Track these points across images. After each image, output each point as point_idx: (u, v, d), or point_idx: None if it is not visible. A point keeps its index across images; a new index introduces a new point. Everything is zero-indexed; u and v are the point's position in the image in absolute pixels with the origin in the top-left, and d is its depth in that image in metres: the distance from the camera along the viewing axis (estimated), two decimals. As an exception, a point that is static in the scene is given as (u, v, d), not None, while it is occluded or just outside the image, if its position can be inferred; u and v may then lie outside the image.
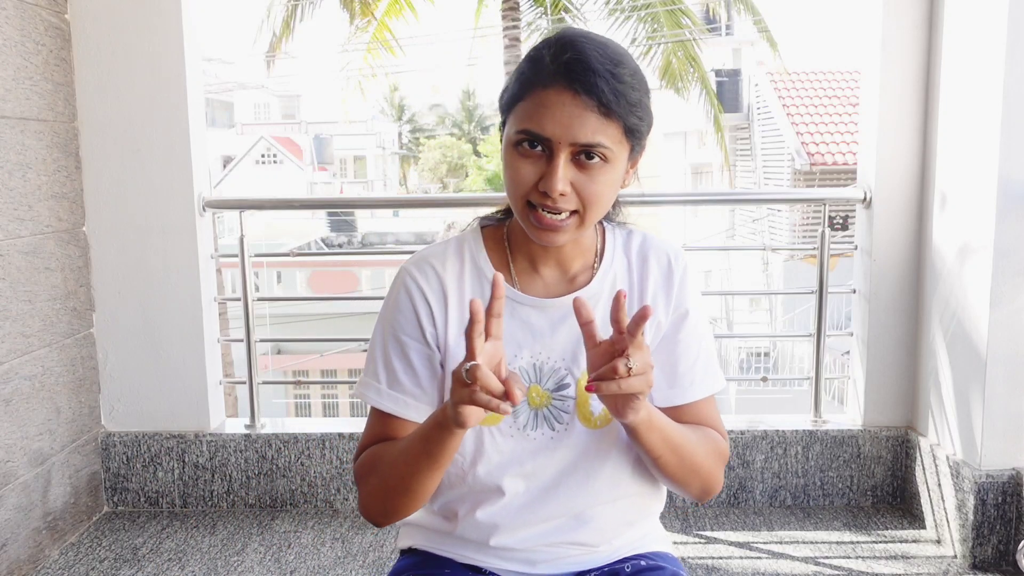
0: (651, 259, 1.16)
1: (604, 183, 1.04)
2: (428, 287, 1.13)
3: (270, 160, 29.61)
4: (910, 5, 2.43)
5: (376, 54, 9.47)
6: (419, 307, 1.13)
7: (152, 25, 2.45)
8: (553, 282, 1.15)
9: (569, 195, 1.03)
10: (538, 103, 1.03)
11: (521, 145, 1.04)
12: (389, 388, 1.14)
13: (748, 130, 17.13)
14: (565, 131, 1.01)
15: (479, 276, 1.14)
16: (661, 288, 1.15)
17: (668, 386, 1.15)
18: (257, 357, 2.70)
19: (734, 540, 2.41)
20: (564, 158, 1.02)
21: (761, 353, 12.47)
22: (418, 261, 1.15)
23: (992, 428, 2.16)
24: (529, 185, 1.04)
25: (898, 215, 2.52)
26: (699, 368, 1.16)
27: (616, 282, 1.15)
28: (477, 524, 1.14)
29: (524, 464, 1.12)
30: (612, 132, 1.03)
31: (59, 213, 2.40)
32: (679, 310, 1.15)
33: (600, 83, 1.01)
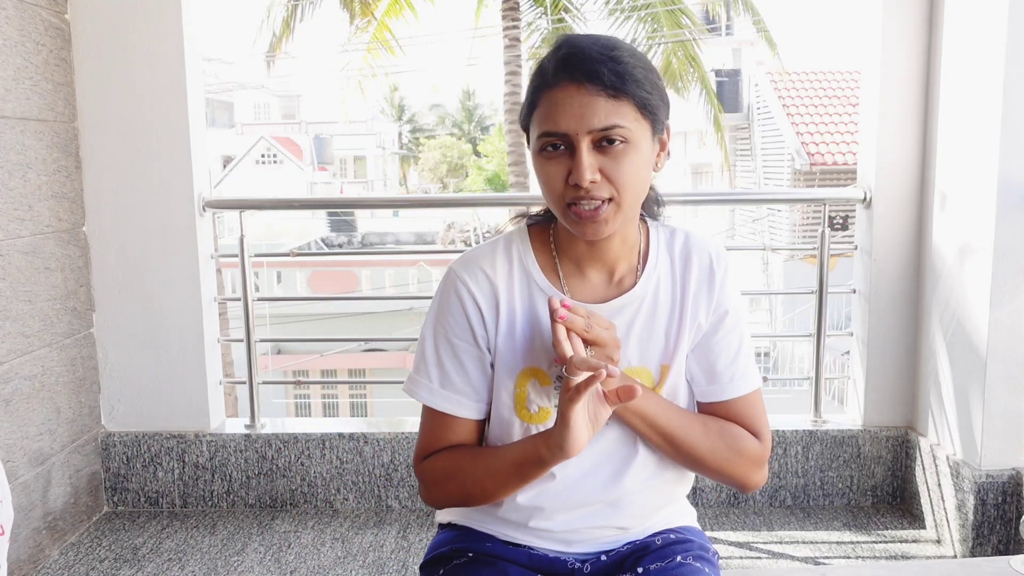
0: (693, 258, 1.18)
1: (631, 164, 1.06)
2: (478, 290, 1.15)
3: (270, 160, 29.60)
4: (910, 5, 2.43)
5: (376, 54, 9.47)
6: (469, 310, 1.15)
7: (152, 25, 2.45)
8: (600, 284, 1.17)
9: (600, 182, 1.05)
10: (549, 104, 1.06)
11: (545, 151, 1.08)
12: (441, 388, 1.17)
13: (748, 130, 17.13)
14: (579, 122, 1.04)
15: (527, 279, 1.17)
16: (703, 288, 1.17)
17: (707, 383, 1.19)
18: (257, 357, 2.70)
19: (734, 540, 2.41)
20: (586, 148, 1.05)
21: (761, 353, 12.46)
22: (467, 263, 1.17)
23: (992, 428, 2.16)
24: (561, 185, 1.07)
25: (898, 215, 2.52)
26: (739, 366, 1.19)
27: (661, 284, 1.17)
28: (518, 507, 1.18)
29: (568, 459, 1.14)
30: (626, 112, 1.05)
31: (59, 213, 2.40)
32: (719, 310, 1.18)
33: (600, 67, 1.04)
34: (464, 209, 19.99)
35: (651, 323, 1.17)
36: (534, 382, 1.16)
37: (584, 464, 1.16)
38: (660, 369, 1.17)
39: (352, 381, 8.89)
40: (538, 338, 1.16)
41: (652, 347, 1.17)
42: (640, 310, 1.16)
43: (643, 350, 1.16)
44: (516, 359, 1.16)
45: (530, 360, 1.16)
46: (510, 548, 1.20)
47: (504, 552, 1.20)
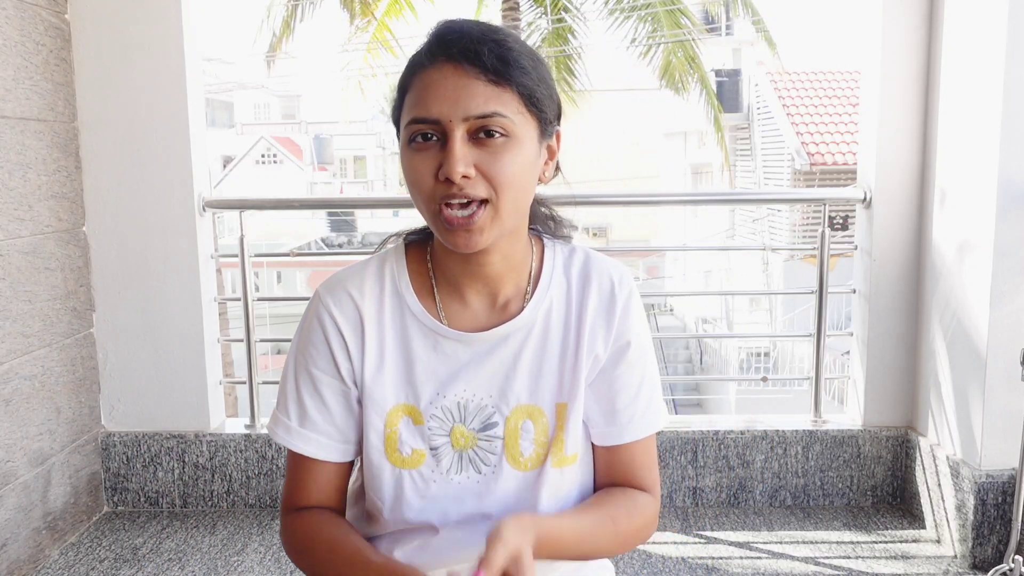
0: (592, 282, 1.04)
1: (512, 161, 0.92)
2: (343, 317, 1.02)
3: (270, 160, 29.61)
4: (910, 5, 2.43)
5: (376, 54, 9.47)
6: (332, 339, 1.02)
7: (152, 25, 2.45)
8: (482, 309, 1.03)
9: (475, 179, 0.91)
10: (421, 88, 0.93)
11: (414, 141, 0.93)
12: (300, 426, 1.03)
13: (748, 130, 17.13)
14: (453, 106, 0.90)
15: (400, 305, 1.03)
16: (601, 316, 1.04)
17: (606, 424, 1.05)
18: (257, 357, 2.70)
19: (734, 540, 2.41)
20: (460, 137, 0.91)
21: (761, 353, 12.47)
22: (333, 286, 1.04)
23: (992, 428, 2.16)
24: (430, 181, 0.92)
25: (898, 215, 2.52)
26: (640, 404, 1.06)
27: (553, 309, 1.04)
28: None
29: (447, 511, 1.02)
30: (508, 100, 0.92)
31: (59, 213, 2.40)
32: (619, 341, 1.04)
33: (481, 48, 0.91)
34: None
35: (542, 354, 1.03)
36: (406, 420, 1.02)
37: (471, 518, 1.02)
38: (555, 408, 1.02)
39: (352, 381, 8.84)
40: (411, 371, 1.02)
41: (544, 383, 1.02)
42: (529, 339, 1.02)
43: (533, 386, 1.02)
44: (386, 395, 1.02)
45: (401, 396, 1.02)
46: None
47: None
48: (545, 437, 1.02)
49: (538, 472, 1.03)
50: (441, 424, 1.02)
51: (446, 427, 1.02)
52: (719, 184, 19.11)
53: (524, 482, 1.03)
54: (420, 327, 1.02)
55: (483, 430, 1.02)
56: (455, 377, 1.02)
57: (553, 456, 1.02)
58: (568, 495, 1.06)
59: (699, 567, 2.25)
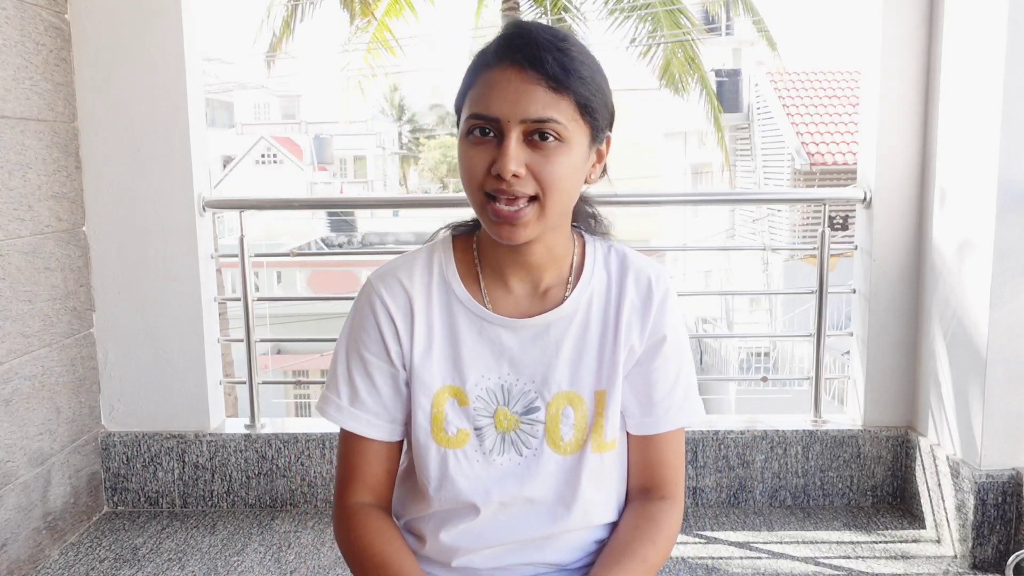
0: (630, 277, 1.10)
1: (561, 164, 0.98)
2: (394, 303, 1.07)
3: (270, 160, 29.61)
4: (910, 5, 2.43)
5: (376, 54, 9.47)
6: (383, 325, 1.07)
7: (152, 25, 2.45)
8: (524, 296, 1.09)
9: (525, 178, 0.97)
10: (485, 85, 0.99)
11: (472, 134, 0.99)
12: (350, 406, 1.08)
13: (748, 130, 17.13)
14: (513, 108, 0.96)
15: (447, 291, 1.09)
16: (637, 311, 1.09)
17: (642, 414, 1.10)
18: (257, 357, 2.70)
19: (734, 540, 2.41)
20: (516, 138, 0.96)
21: (761, 353, 12.47)
22: (384, 274, 1.09)
23: (992, 428, 2.16)
24: (482, 173, 0.98)
25: (898, 215, 2.52)
26: (677, 396, 1.10)
27: (594, 300, 1.09)
28: (441, 547, 1.10)
29: (491, 491, 1.06)
30: (564, 108, 0.97)
31: (59, 213, 2.40)
32: (656, 335, 1.09)
33: (547, 56, 0.96)
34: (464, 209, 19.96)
35: (582, 343, 1.08)
36: (452, 402, 1.07)
37: (513, 501, 1.07)
38: (595, 396, 1.07)
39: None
40: (457, 355, 1.07)
41: (584, 370, 1.07)
42: (570, 328, 1.07)
43: (574, 373, 1.07)
44: (433, 377, 1.07)
45: (448, 378, 1.07)
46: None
47: None
48: (584, 423, 1.07)
49: (578, 456, 1.08)
50: (486, 405, 1.07)
51: (490, 409, 1.07)
52: (719, 184, 19.11)
53: (564, 465, 1.08)
54: (466, 313, 1.08)
55: (526, 414, 1.07)
56: (499, 361, 1.07)
57: (593, 441, 1.07)
58: (608, 479, 1.11)
59: (699, 567, 2.25)
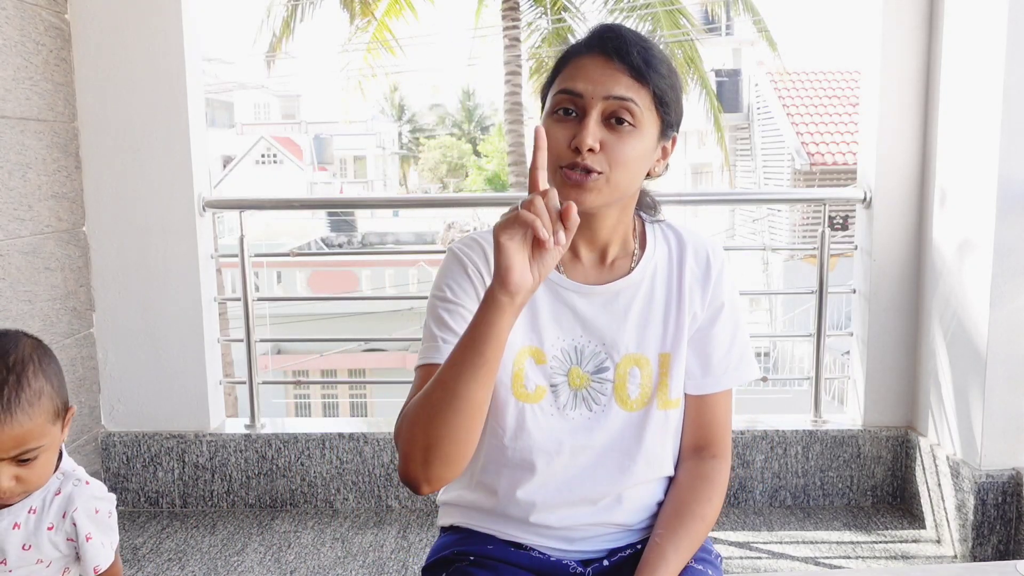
0: (689, 250, 1.20)
1: (632, 147, 1.08)
2: (480, 260, 1.16)
3: (270, 160, 29.60)
4: (910, 5, 2.43)
5: (376, 54, 9.47)
6: (472, 275, 1.16)
7: (152, 25, 2.45)
8: (592, 266, 1.18)
9: (599, 155, 1.06)
10: (575, 67, 1.10)
11: (556, 112, 1.09)
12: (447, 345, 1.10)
13: (748, 130, 17.13)
14: (597, 86, 1.07)
15: None
16: (698, 281, 1.19)
17: (702, 375, 1.20)
18: (257, 357, 2.70)
19: (734, 540, 2.41)
20: (596, 116, 1.07)
21: (761, 353, 12.45)
22: (466, 239, 1.20)
23: (992, 428, 2.16)
24: (562, 147, 1.07)
25: (898, 215, 2.52)
26: (733, 357, 1.21)
27: (658, 271, 1.19)
28: (517, 502, 1.17)
29: (563, 443, 1.15)
30: (643, 96, 1.08)
31: (59, 213, 2.40)
32: (715, 303, 1.20)
33: (632, 50, 1.08)
34: (464, 209, 20.00)
35: (648, 310, 1.17)
36: (531, 360, 1.16)
37: (581, 449, 1.16)
38: (659, 358, 1.17)
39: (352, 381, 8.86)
40: (535, 317, 1.16)
41: (650, 334, 1.17)
42: (637, 295, 1.17)
43: (640, 337, 1.17)
44: (513, 337, 1.14)
45: (527, 339, 1.16)
46: (511, 551, 1.19)
47: (506, 555, 1.18)
48: (650, 383, 1.17)
49: (644, 412, 1.17)
50: (561, 364, 1.16)
51: (565, 367, 1.16)
52: (719, 184, 19.11)
53: (630, 420, 1.17)
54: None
55: (596, 372, 1.16)
56: (573, 324, 1.16)
57: (659, 399, 1.17)
58: (672, 435, 1.20)
59: (699, 567, 2.25)
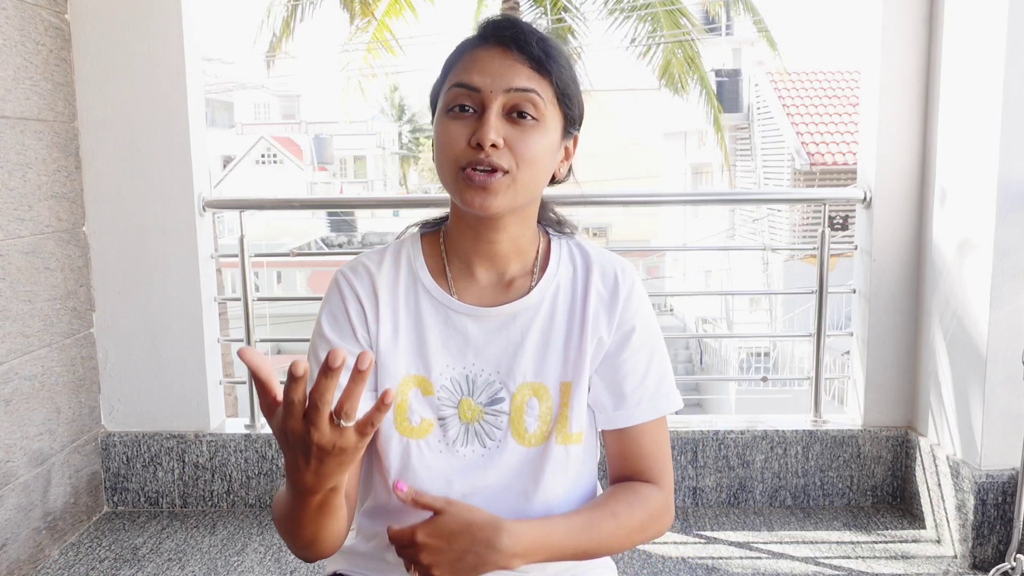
0: (595, 271, 1.10)
1: (537, 142, 1.00)
2: (361, 287, 1.08)
3: (270, 160, 29.61)
4: (910, 5, 2.43)
5: (376, 54, 9.46)
6: (351, 307, 1.08)
7: (152, 25, 2.45)
8: (489, 286, 1.09)
9: (503, 151, 0.99)
10: (469, 60, 1.02)
11: (452, 110, 1.01)
12: None
13: (748, 130, 17.13)
14: (496, 79, 0.99)
15: (414, 281, 1.10)
16: (604, 304, 1.09)
17: (614, 407, 1.08)
18: (257, 357, 2.69)
19: (734, 540, 2.41)
20: (496, 109, 0.99)
21: (761, 353, 12.46)
22: (353, 264, 1.12)
23: (992, 428, 2.16)
24: (461, 146, 1.00)
25: (898, 215, 2.52)
26: (649, 387, 1.09)
27: (560, 292, 1.09)
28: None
29: (453, 482, 1.05)
30: (544, 88, 1.01)
31: (59, 213, 2.40)
32: (623, 328, 1.09)
33: (530, 39, 1.01)
34: (464, 209, 19.97)
35: (548, 335, 1.08)
36: (416, 391, 1.06)
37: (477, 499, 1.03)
38: (560, 387, 1.06)
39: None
40: (423, 343, 1.07)
41: (550, 361, 1.07)
42: (536, 319, 1.07)
43: (539, 364, 1.07)
44: (398, 364, 1.06)
45: (413, 367, 1.07)
46: None
47: None
48: (550, 415, 1.06)
49: (542, 448, 1.06)
50: (450, 395, 1.06)
51: (455, 399, 1.06)
52: (719, 184, 19.11)
53: (528, 457, 1.06)
54: (432, 301, 1.08)
55: (490, 404, 1.06)
56: (464, 351, 1.07)
57: (558, 433, 1.06)
58: (574, 474, 1.09)
59: (699, 567, 2.25)
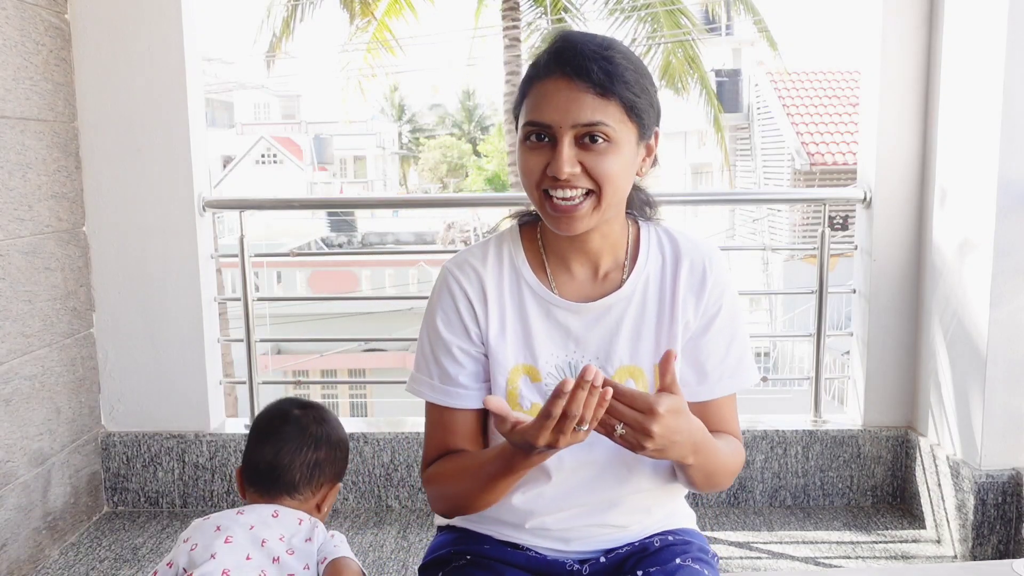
0: (684, 258, 1.18)
1: (612, 162, 1.06)
2: (470, 286, 1.17)
3: (270, 160, 29.60)
4: (910, 5, 2.43)
5: (376, 54, 9.47)
6: (461, 307, 1.17)
7: (152, 25, 2.45)
8: (585, 280, 1.18)
9: (579, 175, 1.06)
10: (538, 95, 1.08)
11: (528, 140, 1.09)
12: (441, 383, 1.17)
13: (748, 130, 17.12)
14: (563, 115, 1.05)
15: (517, 277, 1.18)
16: (692, 291, 1.17)
17: (697, 382, 1.18)
18: (257, 357, 2.70)
19: (734, 540, 2.41)
20: (568, 141, 1.05)
21: (761, 353, 12.45)
22: (460, 262, 1.20)
23: (992, 428, 2.16)
24: (539, 174, 1.08)
25: (898, 215, 2.52)
26: (729, 364, 1.19)
27: (650, 282, 1.17)
28: (513, 509, 1.18)
29: (563, 459, 1.13)
30: (612, 111, 1.05)
31: (59, 213, 2.40)
32: (709, 311, 1.18)
33: (591, 65, 1.04)
34: (464, 209, 19.99)
35: (640, 322, 1.17)
36: (525, 378, 1.16)
37: (581, 465, 1.15)
38: (654, 369, 1.16)
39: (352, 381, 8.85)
40: (528, 335, 1.16)
41: (643, 346, 1.16)
42: (629, 308, 1.16)
43: (634, 349, 1.16)
44: (507, 355, 1.16)
45: (521, 357, 1.16)
46: (508, 550, 1.20)
47: (502, 554, 1.19)
48: None
49: None
50: (556, 381, 1.12)
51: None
52: (719, 184, 19.10)
53: None
54: (535, 297, 1.17)
55: None
56: (567, 341, 1.16)
57: None
58: None
59: (699, 567, 2.25)
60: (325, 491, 1.33)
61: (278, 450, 1.30)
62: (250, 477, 1.32)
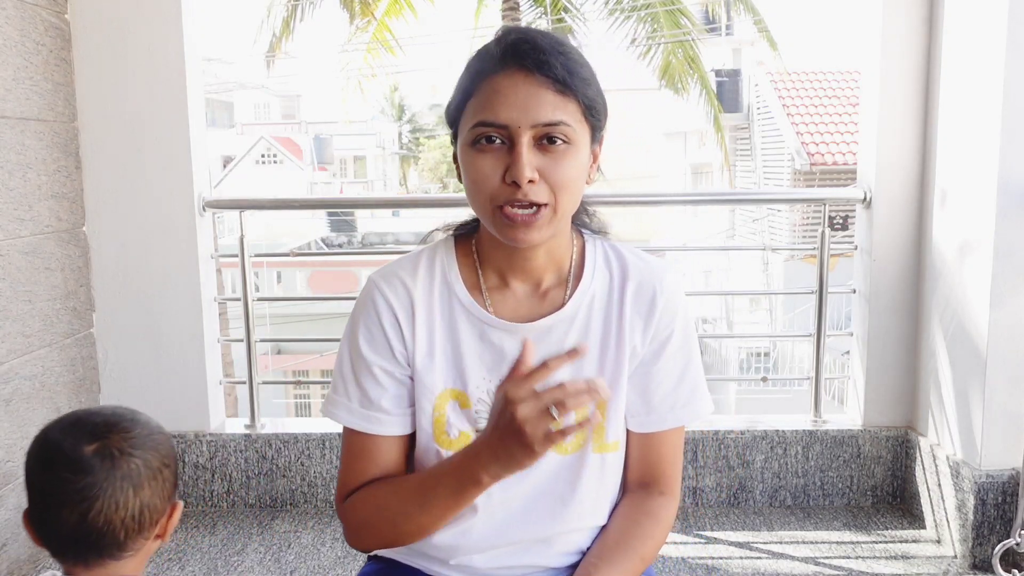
0: (631, 279, 1.08)
1: (571, 167, 0.98)
2: (397, 302, 1.06)
3: (270, 160, 29.61)
4: (910, 5, 2.43)
5: (376, 54, 9.46)
6: (387, 324, 1.06)
7: (152, 25, 2.45)
8: (524, 297, 1.08)
9: (538, 183, 0.96)
10: (490, 91, 0.97)
11: (478, 143, 0.97)
12: (361, 407, 1.07)
13: (748, 130, 17.13)
14: (523, 113, 0.95)
15: (449, 293, 1.08)
16: (641, 314, 1.08)
17: (645, 413, 1.09)
18: (257, 357, 2.70)
19: (734, 540, 2.41)
20: (527, 143, 0.95)
21: (761, 353, 12.46)
22: (388, 274, 1.09)
23: (992, 428, 2.16)
24: (494, 183, 0.97)
25: (898, 215, 2.52)
26: (682, 394, 1.10)
27: (595, 302, 1.07)
28: (440, 545, 1.09)
29: (491, 491, 1.03)
30: (571, 110, 0.97)
31: (59, 213, 2.40)
32: (660, 337, 1.08)
33: (552, 60, 0.96)
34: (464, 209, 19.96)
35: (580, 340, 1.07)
36: (453, 404, 1.06)
37: (511, 498, 1.06)
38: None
39: (352, 381, 8.77)
40: (459, 358, 1.07)
41: (585, 373, 1.06)
42: (571, 330, 1.06)
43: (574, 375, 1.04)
44: (434, 379, 1.06)
45: (449, 381, 1.07)
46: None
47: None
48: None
49: (579, 456, 1.07)
50: (487, 408, 1.05)
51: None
52: (719, 184, 19.11)
53: (565, 465, 1.07)
54: (468, 316, 1.07)
55: None
56: (500, 364, 1.06)
57: (594, 442, 1.07)
58: (608, 481, 1.10)
59: (699, 567, 2.25)
60: (164, 522, 1.04)
61: (83, 514, 0.98)
62: (53, 547, 1.04)
